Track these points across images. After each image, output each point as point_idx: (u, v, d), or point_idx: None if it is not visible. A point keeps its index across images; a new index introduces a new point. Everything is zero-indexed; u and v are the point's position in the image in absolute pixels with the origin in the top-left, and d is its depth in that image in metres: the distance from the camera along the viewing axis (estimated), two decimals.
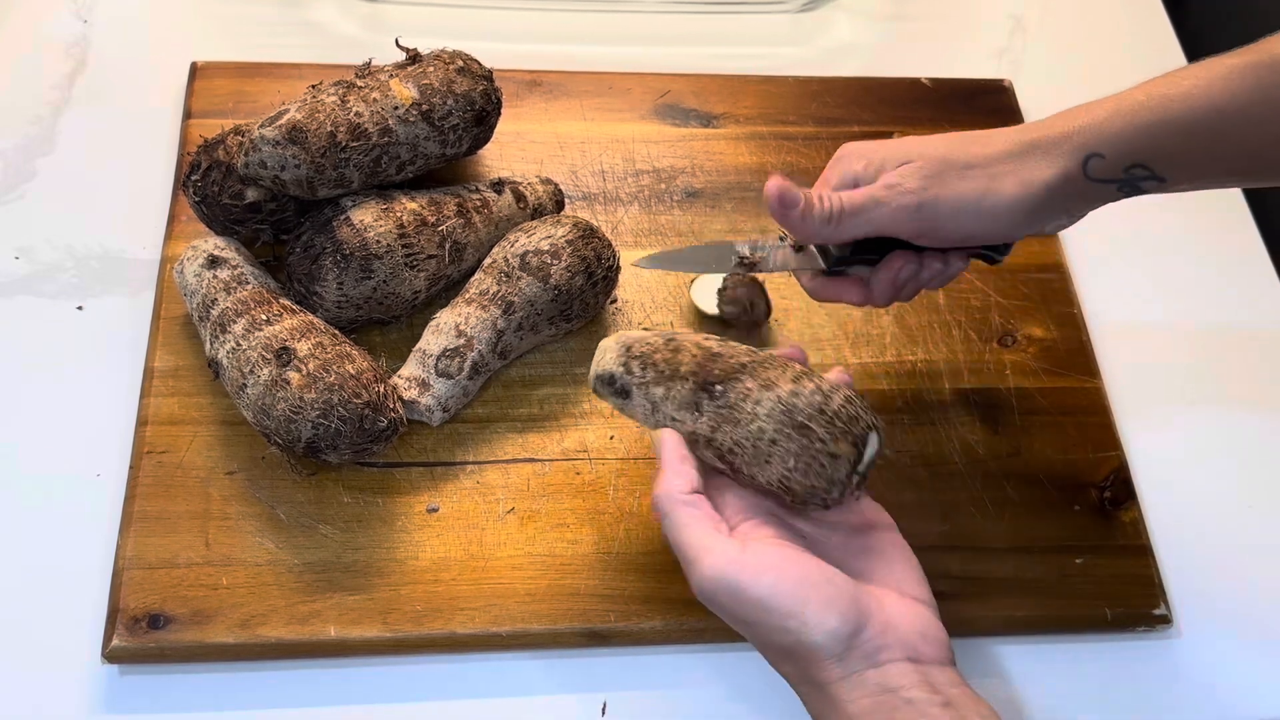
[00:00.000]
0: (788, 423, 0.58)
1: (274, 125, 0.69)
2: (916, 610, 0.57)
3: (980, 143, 0.62)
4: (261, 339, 0.67)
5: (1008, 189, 0.61)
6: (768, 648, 0.57)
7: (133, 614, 0.63)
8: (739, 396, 0.59)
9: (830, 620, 0.54)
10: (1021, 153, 0.61)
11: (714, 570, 0.55)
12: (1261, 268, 0.87)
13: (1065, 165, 0.60)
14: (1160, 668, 0.70)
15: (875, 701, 0.54)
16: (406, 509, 0.69)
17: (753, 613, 0.55)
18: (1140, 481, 0.76)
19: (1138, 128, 0.59)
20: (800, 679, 0.56)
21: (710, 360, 0.61)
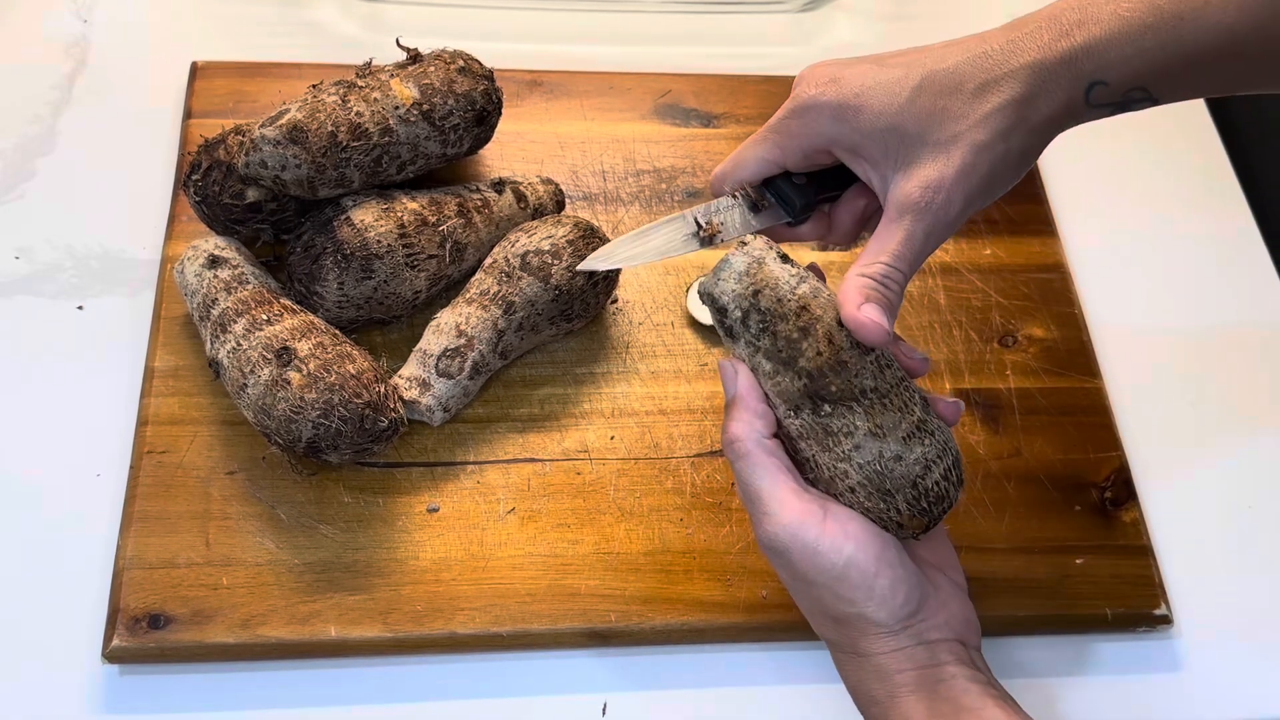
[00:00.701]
0: (875, 482, 0.55)
1: (274, 125, 0.69)
2: (961, 595, 0.59)
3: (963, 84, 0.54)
4: (262, 339, 0.67)
5: (1020, 142, 0.55)
6: (821, 612, 0.57)
7: (133, 614, 0.63)
8: (843, 428, 0.55)
9: (896, 600, 0.55)
10: (1025, 96, 0.54)
11: (795, 526, 0.54)
12: (1262, 267, 0.87)
13: (1068, 95, 0.55)
14: (1160, 668, 0.70)
15: (920, 674, 0.55)
16: (407, 509, 0.69)
17: (822, 577, 0.55)
18: (1141, 481, 0.76)
19: (1145, 51, 0.53)
20: (845, 646, 0.57)
21: (833, 370, 0.55)
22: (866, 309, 0.54)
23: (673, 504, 0.70)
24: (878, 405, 0.55)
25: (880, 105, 0.55)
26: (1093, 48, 0.53)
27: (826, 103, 0.56)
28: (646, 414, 0.74)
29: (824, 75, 0.57)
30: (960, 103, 0.54)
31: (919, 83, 0.55)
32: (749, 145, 0.60)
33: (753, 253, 0.57)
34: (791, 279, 0.56)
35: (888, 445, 0.55)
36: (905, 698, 0.55)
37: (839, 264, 0.81)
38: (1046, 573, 0.71)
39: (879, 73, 0.56)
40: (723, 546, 0.69)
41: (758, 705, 0.67)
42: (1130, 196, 0.89)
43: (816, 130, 0.57)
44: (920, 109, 0.55)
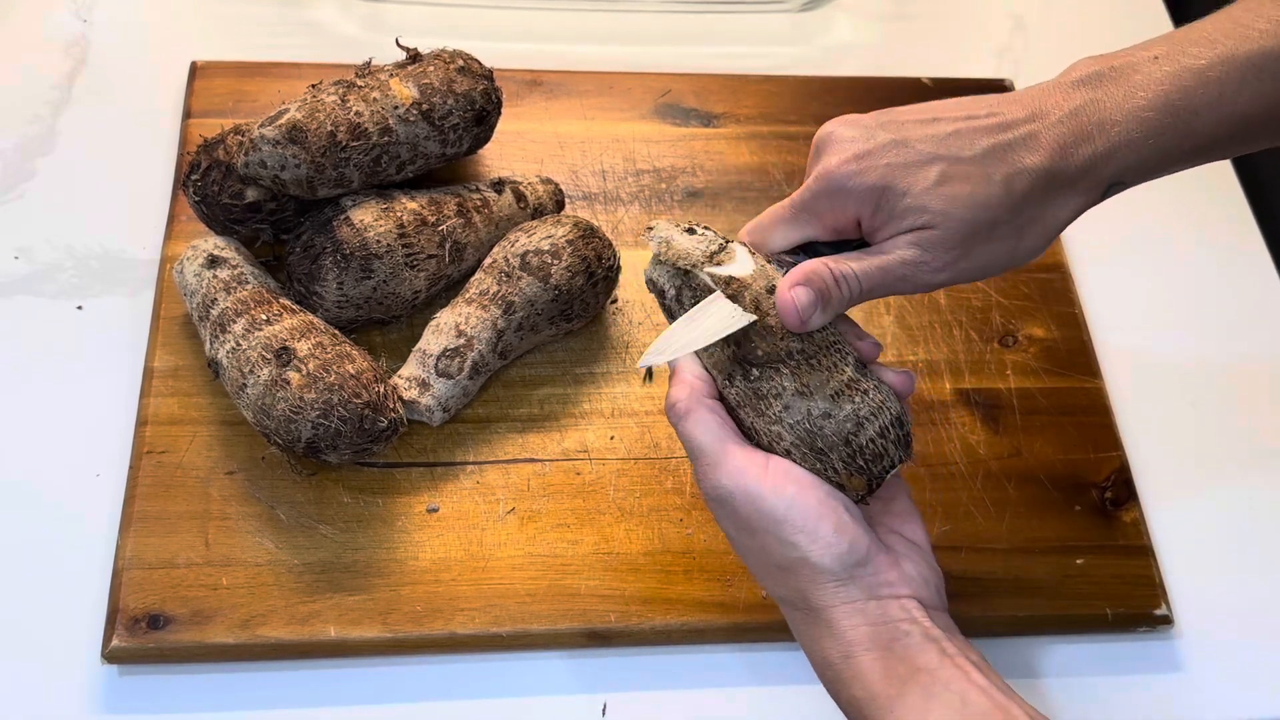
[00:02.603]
0: (807, 442, 0.56)
1: (274, 125, 0.69)
2: (918, 553, 0.58)
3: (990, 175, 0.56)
4: (261, 339, 0.67)
5: (1032, 239, 0.57)
6: (768, 565, 0.57)
7: (132, 614, 0.63)
8: (771, 390, 0.56)
9: (841, 544, 0.54)
10: (1045, 191, 0.56)
11: (737, 473, 0.55)
12: (1262, 267, 0.87)
13: (1087, 199, 0.57)
14: (1160, 668, 0.70)
15: (873, 630, 0.54)
16: (406, 509, 0.69)
17: (765, 523, 0.55)
18: (1141, 481, 0.75)
19: (1162, 150, 0.56)
20: (796, 601, 0.56)
21: (758, 334, 0.57)
22: (797, 290, 0.55)
23: (673, 504, 0.70)
24: (804, 365, 0.56)
25: (906, 188, 0.56)
26: (1113, 154, 0.55)
27: (854, 188, 0.57)
28: (646, 414, 0.74)
29: (848, 153, 0.57)
30: (987, 190, 0.55)
31: (945, 169, 0.56)
32: (777, 222, 0.60)
33: (659, 234, 0.60)
34: (699, 249, 0.59)
35: (815, 404, 0.56)
36: (860, 657, 0.54)
37: None
38: (1046, 573, 0.70)
39: (905, 154, 0.56)
40: (723, 546, 0.69)
41: (758, 705, 0.66)
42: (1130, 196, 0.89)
43: (844, 213, 0.58)
44: (945, 194, 0.56)
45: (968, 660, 0.54)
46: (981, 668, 0.54)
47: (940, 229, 0.56)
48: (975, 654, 0.55)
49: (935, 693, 0.52)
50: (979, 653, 0.55)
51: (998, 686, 0.53)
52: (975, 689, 0.52)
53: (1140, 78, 0.55)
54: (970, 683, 0.53)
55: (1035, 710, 0.53)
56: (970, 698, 0.52)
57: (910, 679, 0.53)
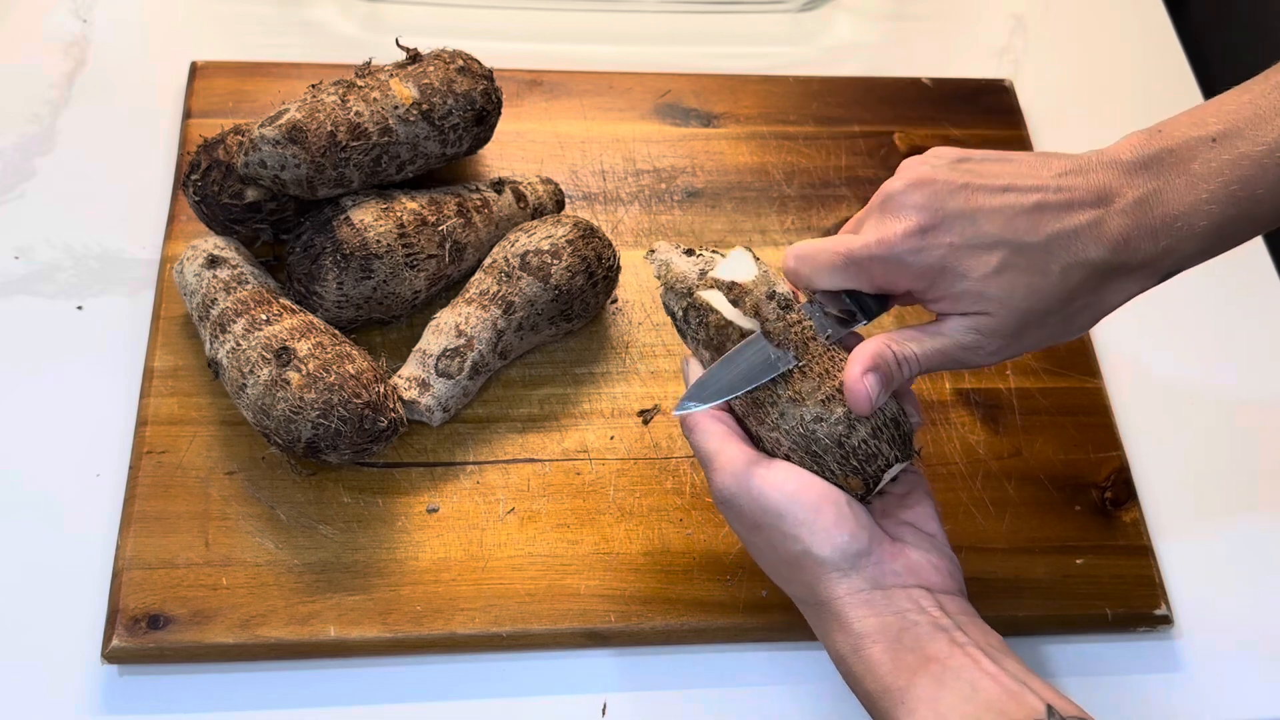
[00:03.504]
0: (803, 446, 0.58)
1: (274, 125, 0.69)
2: (928, 543, 0.58)
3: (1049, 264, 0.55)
4: (261, 339, 0.67)
5: (1082, 322, 0.58)
6: (776, 562, 0.58)
7: (132, 614, 0.63)
8: (768, 399, 0.58)
9: (840, 536, 0.55)
10: (1101, 280, 0.56)
11: (741, 473, 0.57)
12: (1262, 267, 0.87)
13: (1144, 285, 0.57)
14: (1160, 668, 0.70)
15: (881, 621, 0.55)
16: (406, 509, 0.69)
17: (767, 518, 0.56)
18: (1141, 481, 0.75)
19: (1225, 240, 0.56)
20: (807, 597, 0.57)
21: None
22: (869, 378, 0.56)
23: (673, 504, 0.70)
24: (798, 374, 0.58)
25: (968, 271, 0.55)
26: (1175, 249, 0.56)
27: (914, 264, 0.56)
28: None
29: (914, 223, 0.56)
30: (1044, 282, 0.55)
31: (1007, 256, 0.55)
32: (828, 268, 0.59)
33: (659, 258, 0.63)
34: (695, 269, 0.61)
35: (807, 409, 0.57)
36: (869, 649, 0.54)
37: None
38: (1046, 573, 0.70)
39: (970, 233, 0.55)
40: (722, 546, 0.69)
41: (758, 705, 0.66)
42: None
43: (897, 281, 0.57)
44: (1003, 284, 0.55)
45: (977, 648, 0.54)
46: (993, 653, 0.54)
47: (996, 316, 0.56)
48: (992, 639, 0.55)
49: (945, 681, 0.52)
50: (997, 637, 0.56)
51: (1010, 672, 0.53)
52: (986, 676, 0.52)
53: (1200, 167, 0.55)
54: (981, 670, 0.53)
55: (1055, 691, 0.53)
56: (980, 685, 0.52)
57: (920, 669, 0.53)
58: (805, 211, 0.84)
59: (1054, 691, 0.53)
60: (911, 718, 0.53)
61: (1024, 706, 0.51)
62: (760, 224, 0.83)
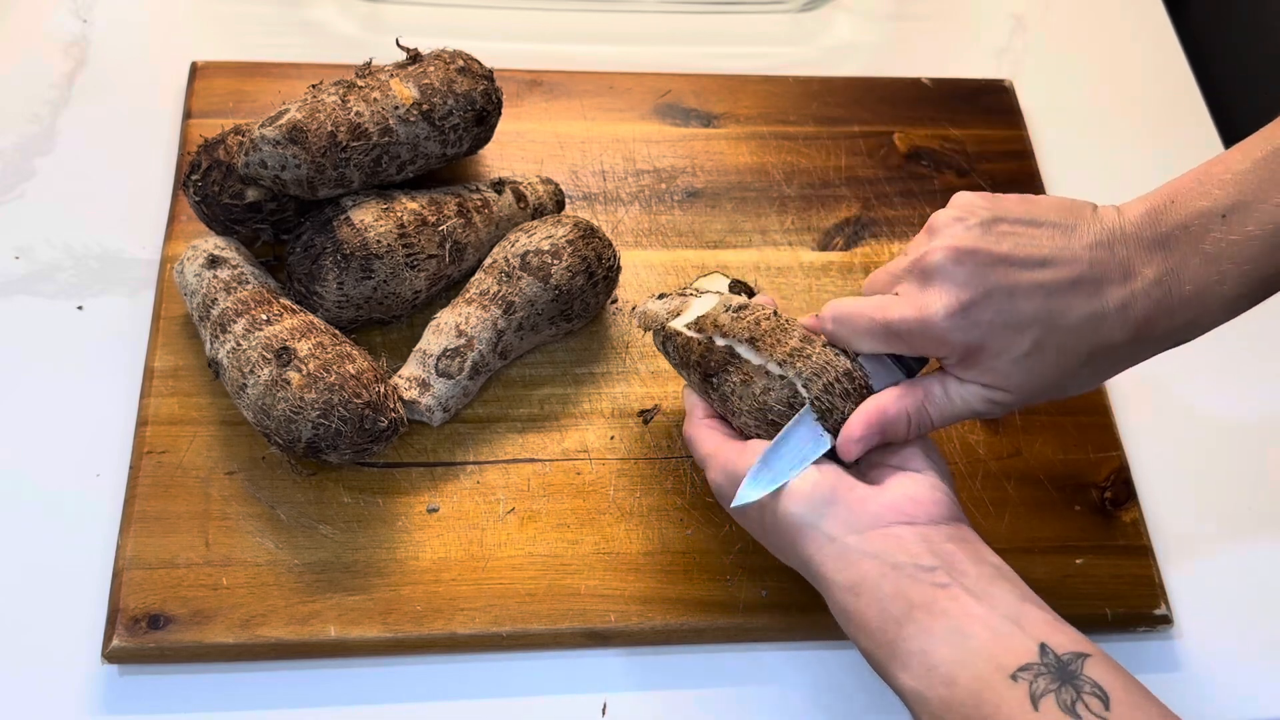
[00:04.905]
0: (763, 419, 0.61)
1: (274, 125, 0.69)
2: (910, 478, 0.58)
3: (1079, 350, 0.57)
4: (262, 339, 0.67)
5: (1089, 383, 0.60)
6: (768, 537, 0.60)
7: (133, 614, 0.63)
8: (729, 390, 0.62)
9: (803, 486, 0.57)
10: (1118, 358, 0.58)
11: (726, 461, 0.60)
12: None
13: (1153, 354, 0.59)
14: (1160, 668, 0.70)
15: (859, 571, 0.54)
16: (406, 509, 0.69)
17: None
18: (1141, 481, 0.76)
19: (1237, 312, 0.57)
20: (798, 562, 0.58)
21: (707, 351, 0.63)
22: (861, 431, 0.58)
23: (673, 504, 0.70)
24: (747, 357, 0.62)
25: (999, 350, 0.57)
26: (1195, 324, 0.57)
27: (953, 341, 0.57)
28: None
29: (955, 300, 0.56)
30: (1071, 363, 0.57)
31: (1040, 339, 0.56)
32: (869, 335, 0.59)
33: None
34: (664, 308, 0.67)
35: (757, 384, 0.61)
36: (853, 603, 0.54)
37: (839, 264, 0.81)
38: (1046, 573, 0.70)
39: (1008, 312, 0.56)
40: (722, 546, 0.69)
41: (757, 705, 0.66)
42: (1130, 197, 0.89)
43: (935, 352, 0.59)
44: (1031, 368, 0.57)
45: (961, 587, 0.53)
46: (981, 589, 0.53)
47: (1015, 394, 0.58)
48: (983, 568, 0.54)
49: (933, 630, 0.52)
50: (990, 562, 0.55)
51: (1000, 609, 0.52)
52: (973, 619, 0.52)
53: (1212, 247, 0.55)
54: (967, 614, 0.52)
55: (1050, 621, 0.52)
56: (969, 630, 0.51)
57: (906, 619, 0.53)
58: (805, 211, 0.84)
59: (1049, 623, 0.52)
60: (905, 673, 0.52)
61: (1014, 651, 0.50)
62: (760, 224, 0.83)
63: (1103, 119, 0.95)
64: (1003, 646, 0.51)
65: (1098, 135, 0.94)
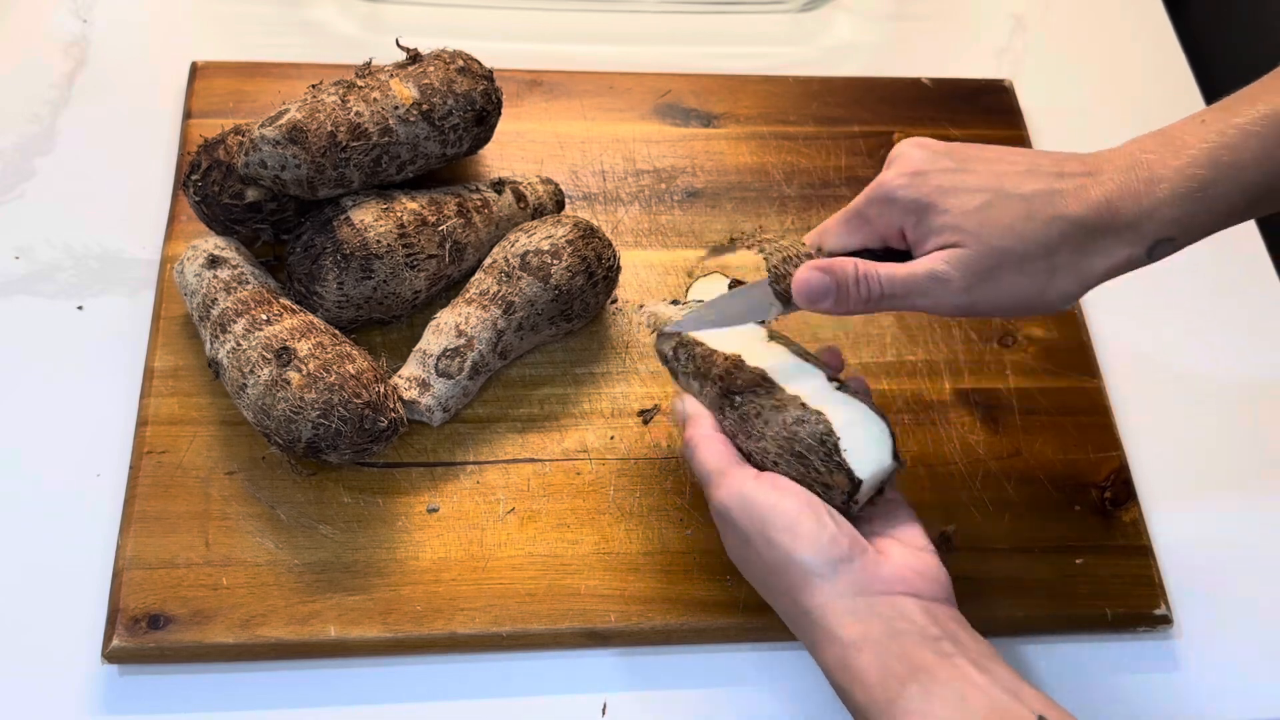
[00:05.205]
0: (788, 449, 0.60)
1: (274, 125, 0.69)
2: (914, 553, 0.58)
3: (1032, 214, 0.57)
4: (262, 339, 0.67)
5: (1065, 284, 0.58)
6: (764, 572, 0.59)
7: (133, 614, 0.63)
8: (753, 411, 0.61)
9: (821, 538, 0.56)
10: (1085, 239, 0.57)
11: (733, 486, 0.59)
12: (1262, 267, 0.87)
13: (1129, 254, 0.58)
14: (1160, 668, 0.70)
15: (866, 629, 0.55)
16: (406, 509, 0.69)
17: (754, 526, 0.58)
18: (1140, 481, 0.76)
19: (1211, 206, 0.57)
20: (791, 608, 0.58)
21: (736, 368, 0.63)
22: (813, 274, 0.59)
23: (673, 504, 0.70)
24: (778, 384, 0.62)
25: (951, 207, 0.58)
26: (1158, 211, 0.57)
27: (904, 199, 0.59)
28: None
29: (909, 167, 0.60)
30: (1025, 229, 0.57)
31: (990, 198, 0.58)
32: (834, 221, 0.63)
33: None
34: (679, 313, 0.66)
35: (789, 413, 0.60)
36: (855, 658, 0.54)
37: None
38: (1046, 573, 0.71)
39: (959, 176, 0.59)
40: (722, 546, 0.69)
41: (757, 705, 0.67)
42: None
43: (890, 221, 0.60)
44: (984, 219, 0.58)
45: (965, 658, 0.54)
46: (983, 663, 0.54)
47: (970, 249, 0.58)
48: (982, 646, 0.55)
49: (934, 692, 0.52)
50: (987, 644, 0.55)
51: (1000, 682, 0.53)
52: (975, 688, 0.52)
53: (1190, 139, 0.57)
54: (969, 682, 0.53)
55: (1046, 699, 0.52)
56: (969, 696, 0.52)
57: (908, 679, 0.53)
58: (805, 211, 0.84)
59: (1044, 700, 0.53)
60: None
61: (1013, 718, 0.51)
62: (760, 224, 0.83)
63: (1103, 119, 0.95)
64: (1001, 715, 0.51)
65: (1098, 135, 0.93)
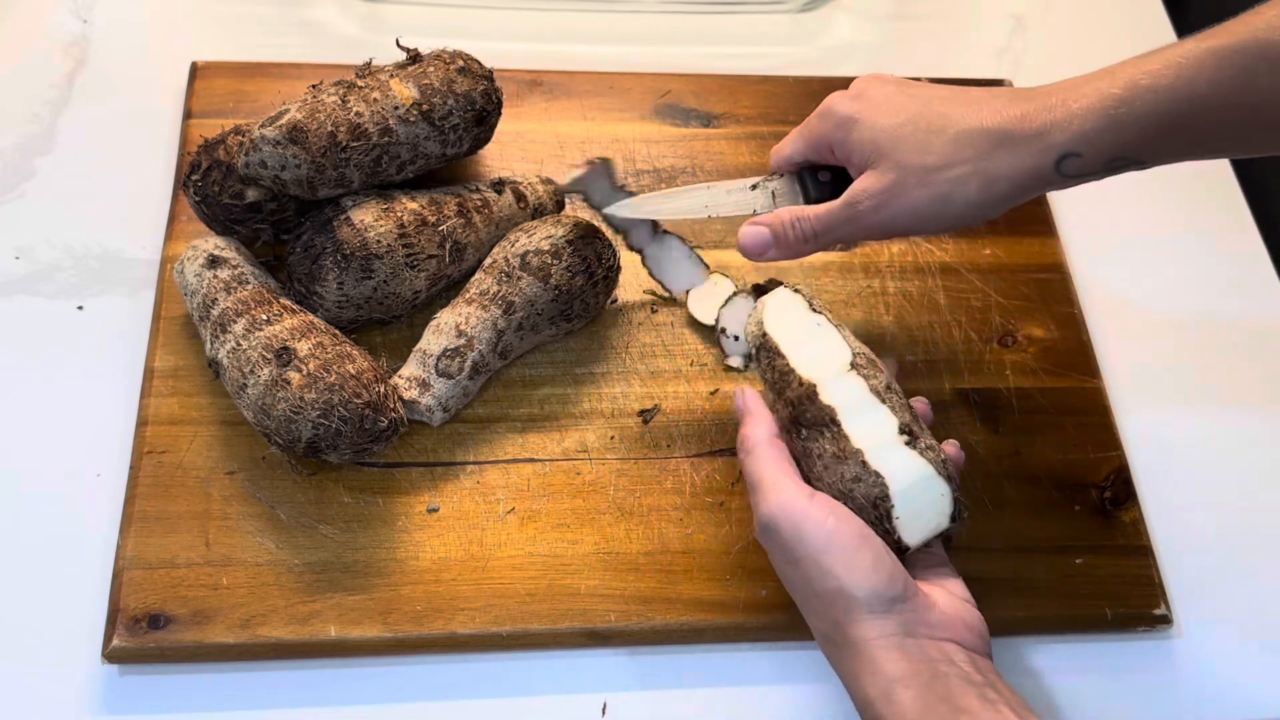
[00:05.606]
0: (843, 500, 0.59)
1: (274, 125, 0.69)
2: (960, 604, 0.59)
3: (946, 128, 0.61)
4: (262, 339, 0.67)
5: (969, 191, 0.60)
6: (810, 596, 0.58)
7: (133, 614, 0.63)
8: (816, 451, 0.61)
9: (878, 577, 0.56)
10: (989, 148, 0.60)
11: (784, 503, 0.58)
12: (1261, 267, 0.87)
13: (1035, 164, 0.59)
14: (1160, 668, 0.70)
15: (912, 667, 0.55)
16: (406, 509, 0.69)
17: (807, 551, 0.57)
18: (1140, 481, 0.76)
19: (1118, 125, 0.58)
20: (837, 637, 0.57)
21: (809, 399, 0.61)
22: (756, 227, 0.66)
23: (672, 504, 0.70)
24: (843, 431, 0.60)
25: (874, 122, 0.63)
26: (1067, 123, 0.59)
27: (839, 112, 0.64)
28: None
29: (856, 88, 0.65)
30: (931, 142, 0.61)
31: (913, 114, 0.62)
32: (787, 141, 0.68)
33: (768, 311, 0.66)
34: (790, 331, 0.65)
35: (848, 467, 0.59)
36: (898, 694, 0.54)
37: (838, 264, 0.81)
38: (1046, 573, 0.71)
39: (894, 96, 0.63)
40: (722, 546, 0.69)
41: (758, 705, 0.67)
42: (1129, 196, 0.89)
43: (825, 132, 0.65)
44: (901, 134, 0.62)
45: (1007, 705, 0.54)
46: (1021, 714, 0.54)
47: (879, 168, 0.62)
48: (1018, 700, 0.55)
49: None
50: (1022, 700, 0.56)
51: None
52: None
53: (1118, 67, 0.59)
54: None
55: None
56: None
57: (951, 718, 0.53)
58: None
59: None
60: None
61: None
62: None
63: None
64: None
65: None
